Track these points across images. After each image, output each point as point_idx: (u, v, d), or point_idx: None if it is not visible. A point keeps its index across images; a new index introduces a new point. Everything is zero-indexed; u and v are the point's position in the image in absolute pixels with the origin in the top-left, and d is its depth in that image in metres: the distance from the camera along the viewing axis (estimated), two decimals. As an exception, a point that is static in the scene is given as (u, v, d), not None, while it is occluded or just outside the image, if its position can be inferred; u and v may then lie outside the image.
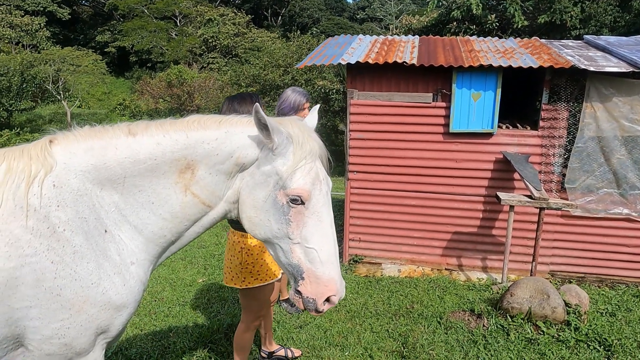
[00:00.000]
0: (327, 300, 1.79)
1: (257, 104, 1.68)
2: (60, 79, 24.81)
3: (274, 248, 1.85)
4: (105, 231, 1.71)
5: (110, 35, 36.84)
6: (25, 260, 1.54)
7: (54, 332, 1.62)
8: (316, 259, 1.76)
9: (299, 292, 1.80)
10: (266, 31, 37.34)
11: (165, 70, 28.54)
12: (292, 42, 24.49)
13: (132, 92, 30.06)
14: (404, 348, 3.84)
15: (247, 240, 2.90)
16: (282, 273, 3.08)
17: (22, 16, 31.29)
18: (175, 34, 36.34)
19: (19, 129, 19.28)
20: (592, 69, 4.81)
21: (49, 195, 1.61)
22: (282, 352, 3.65)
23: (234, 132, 1.81)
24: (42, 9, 33.50)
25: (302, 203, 1.75)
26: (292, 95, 3.84)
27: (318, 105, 2.13)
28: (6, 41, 30.12)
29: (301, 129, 1.79)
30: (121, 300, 1.74)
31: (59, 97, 24.57)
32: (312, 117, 2.04)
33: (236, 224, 2.90)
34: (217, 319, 4.31)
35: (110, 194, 1.73)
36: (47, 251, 1.58)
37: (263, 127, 1.71)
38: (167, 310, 4.58)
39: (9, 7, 31.13)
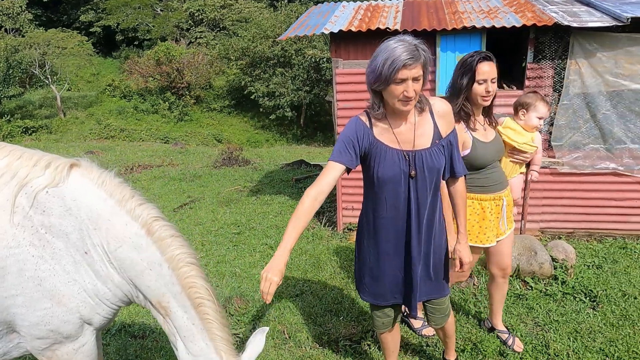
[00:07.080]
0: None
1: None
2: (47, 62, 24.43)
3: None
4: (86, 252, 1.81)
5: (94, 14, 36.05)
6: (10, 251, 1.66)
7: (39, 319, 1.74)
8: None
9: None
10: (253, 1, 36.55)
11: (152, 48, 28.07)
12: (280, 11, 24.01)
13: (121, 72, 29.61)
14: (397, 310, 3.97)
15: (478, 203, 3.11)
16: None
17: (2, -1, 30.59)
18: (161, 10, 35.60)
19: (9, 116, 19.11)
20: (575, 24, 4.78)
21: (38, 199, 1.71)
22: (505, 336, 3.47)
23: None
24: (22, -10, 32.65)
25: None
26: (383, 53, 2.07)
27: (266, 329, 2.13)
28: (-12, 26, 29.53)
29: None
30: (97, 301, 1.87)
31: (47, 82, 24.25)
32: (257, 343, 2.03)
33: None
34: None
35: (100, 239, 1.81)
36: (29, 245, 1.69)
37: None
38: (167, 287, 4.70)
39: (-12, -10, 30.38)
